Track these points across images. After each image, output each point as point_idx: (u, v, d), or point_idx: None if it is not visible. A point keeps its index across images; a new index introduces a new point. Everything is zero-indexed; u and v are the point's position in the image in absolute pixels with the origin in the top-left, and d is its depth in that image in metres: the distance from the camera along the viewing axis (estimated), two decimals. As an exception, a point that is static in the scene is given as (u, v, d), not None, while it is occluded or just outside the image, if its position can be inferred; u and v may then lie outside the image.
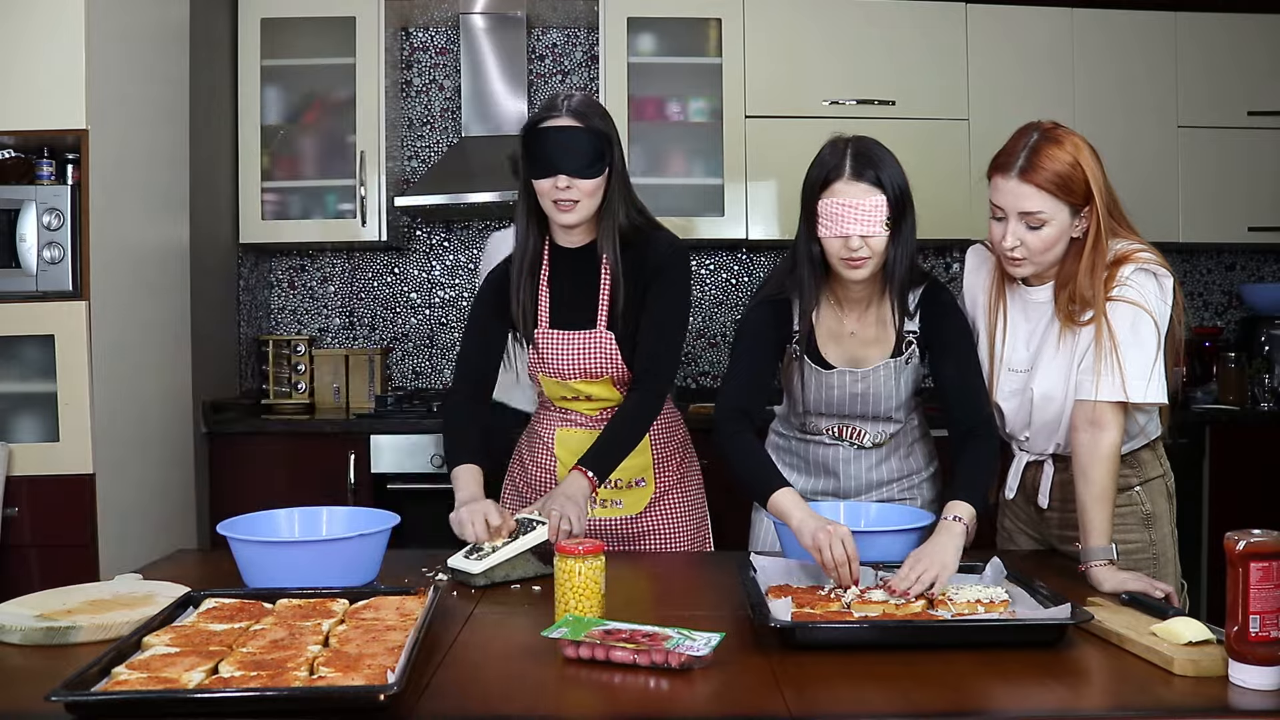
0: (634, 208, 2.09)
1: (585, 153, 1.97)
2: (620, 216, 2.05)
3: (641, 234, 2.09)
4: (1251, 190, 3.85)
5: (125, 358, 2.84)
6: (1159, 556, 1.95)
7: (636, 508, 2.17)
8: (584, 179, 1.98)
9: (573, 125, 1.98)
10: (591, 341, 2.08)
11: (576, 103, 2.02)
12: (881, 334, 1.99)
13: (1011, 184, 1.81)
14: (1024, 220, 1.82)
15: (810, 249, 1.90)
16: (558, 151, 1.97)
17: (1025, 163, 1.80)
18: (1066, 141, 1.81)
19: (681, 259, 2.11)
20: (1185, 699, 1.29)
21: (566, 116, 1.99)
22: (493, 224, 4.13)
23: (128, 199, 2.91)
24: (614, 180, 2.03)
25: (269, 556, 1.75)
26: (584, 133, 1.98)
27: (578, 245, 2.11)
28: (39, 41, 2.67)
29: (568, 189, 1.98)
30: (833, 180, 1.85)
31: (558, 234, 2.11)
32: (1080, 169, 1.79)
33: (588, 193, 1.99)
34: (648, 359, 2.06)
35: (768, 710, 1.26)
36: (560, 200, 1.99)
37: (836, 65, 3.78)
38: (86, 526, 2.68)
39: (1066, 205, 1.80)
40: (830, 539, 1.64)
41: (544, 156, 1.98)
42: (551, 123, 1.99)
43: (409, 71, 4.11)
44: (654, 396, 2.07)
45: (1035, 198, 1.80)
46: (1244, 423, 3.66)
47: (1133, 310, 1.81)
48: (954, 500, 1.76)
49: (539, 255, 2.12)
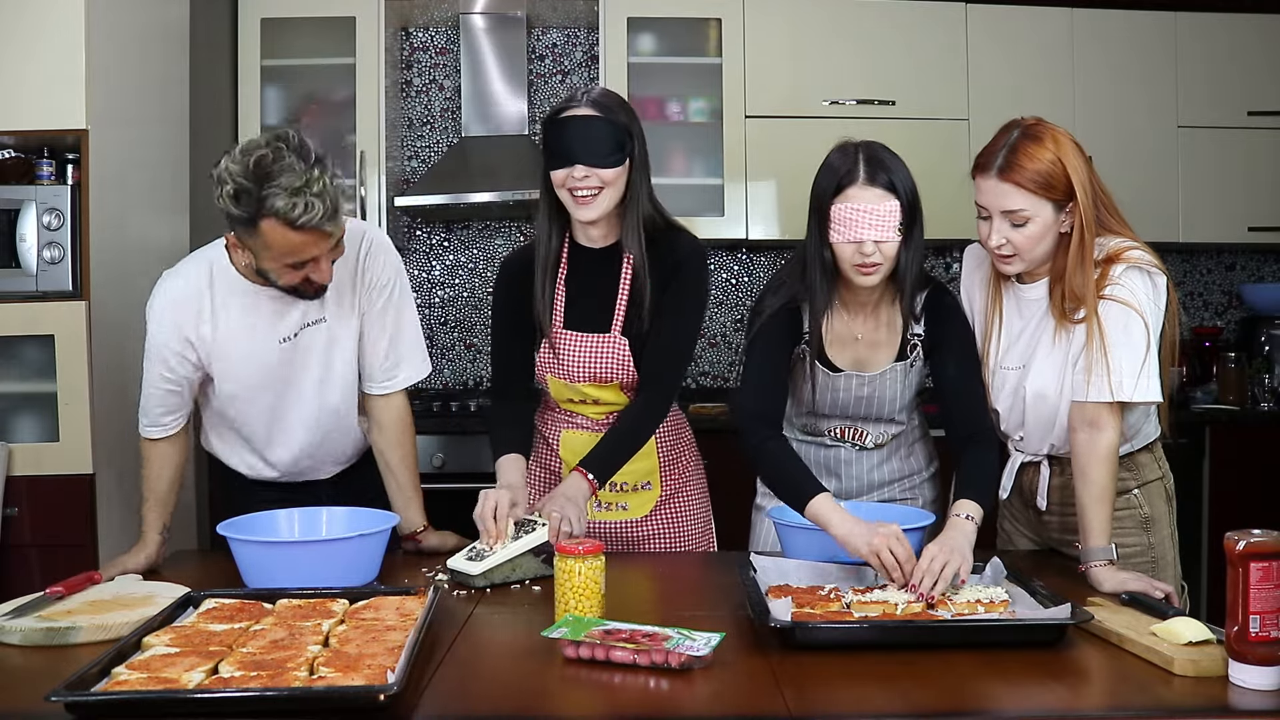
0: (655, 206, 2.05)
1: (604, 141, 1.92)
2: (645, 212, 2.01)
3: (660, 233, 2.05)
4: (1251, 190, 3.85)
5: (125, 358, 2.84)
6: (1158, 560, 1.95)
7: (642, 511, 2.16)
8: (603, 168, 1.93)
9: (591, 114, 1.94)
10: (604, 346, 2.05)
11: (597, 93, 1.99)
12: (888, 337, 1.99)
13: (991, 183, 1.81)
14: (1007, 219, 1.82)
15: (822, 254, 1.90)
16: (576, 141, 1.92)
17: (1004, 161, 1.80)
18: (1046, 138, 1.80)
19: (701, 261, 2.07)
20: (1185, 699, 1.29)
21: (586, 106, 1.94)
22: (493, 224, 4.13)
23: (128, 199, 2.91)
24: (636, 175, 1.99)
25: (269, 557, 1.75)
26: (603, 122, 1.93)
27: (599, 245, 2.07)
28: (39, 41, 2.66)
29: (585, 178, 1.92)
30: (846, 185, 1.84)
31: (578, 232, 2.07)
32: (1061, 165, 1.79)
33: (607, 182, 1.94)
34: (657, 362, 2.04)
35: (768, 710, 1.26)
36: (578, 191, 1.94)
37: (836, 65, 3.77)
38: (86, 526, 2.68)
39: (1049, 202, 1.80)
40: (886, 541, 1.63)
41: (562, 147, 1.93)
42: (570, 112, 1.95)
43: (409, 71, 4.11)
44: (661, 401, 2.05)
45: (1016, 196, 1.79)
46: (1244, 423, 3.66)
47: (1124, 309, 1.80)
48: (962, 500, 1.76)
49: (558, 254, 2.08)
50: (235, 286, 1.94)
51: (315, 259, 1.81)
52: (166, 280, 1.99)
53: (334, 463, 2.16)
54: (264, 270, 1.85)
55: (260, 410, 2.03)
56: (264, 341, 1.96)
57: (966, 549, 1.66)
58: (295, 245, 1.77)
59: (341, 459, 2.17)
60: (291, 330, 1.97)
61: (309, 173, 1.73)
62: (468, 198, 3.66)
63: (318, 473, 2.16)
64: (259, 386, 2.00)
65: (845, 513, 1.73)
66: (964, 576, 1.62)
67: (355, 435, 2.15)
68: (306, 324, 1.98)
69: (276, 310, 1.95)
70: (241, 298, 1.94)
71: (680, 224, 2.10)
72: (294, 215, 1.71)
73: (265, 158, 1.72)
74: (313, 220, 1.72)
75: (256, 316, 1.95)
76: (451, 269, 4.14)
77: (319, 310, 1.98)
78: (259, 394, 2.01)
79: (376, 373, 2.08)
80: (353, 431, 2.14)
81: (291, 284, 1.86)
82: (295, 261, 1.80)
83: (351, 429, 2.13)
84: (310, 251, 1.79)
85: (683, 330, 2.07)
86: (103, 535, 2.70)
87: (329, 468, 2.16)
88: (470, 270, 4.14)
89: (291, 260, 1.80)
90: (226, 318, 1.94)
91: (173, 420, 2.02)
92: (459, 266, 4.14)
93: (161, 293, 1.97)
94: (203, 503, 3.28)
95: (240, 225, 1.78)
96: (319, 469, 2.15)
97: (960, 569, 1.61)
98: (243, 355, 1.96)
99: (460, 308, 4.13)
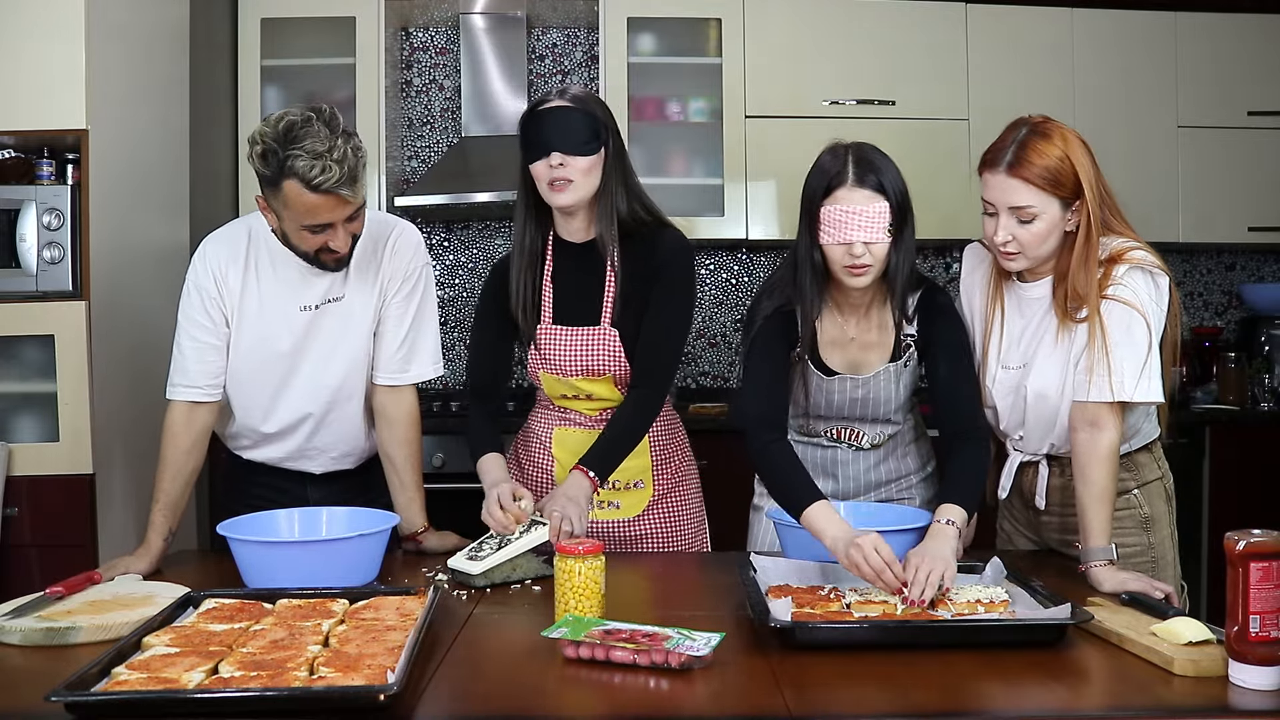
0: (639, 201, 2.08)
1: (578, 130, 1.98)
2: (620, 205, 2.05)
3: (647, 229, 2.08)
4: (1251, 190, 3.85)
5: (125, 358, 2.84)
6: (1158, 560, 1.95)
7: (635, 510, 2.16)
8: (578, 155, 1.97)
9: (566, 106, 1.99)
10: (595, 338, 2.07)
11: (572, 89, 2.05)
12: (881, 338, 1.99)
13: (1000, 179, 1.82)
14: (1014, 215, 1.82)
15: (812, 255, 1.90)
16: (551, 131, 1.98)
17: (1013, 158, 1.80)
18: (1055, 135, 1.81)
19: (686, 257, 2.10)
20: (1185, 699, 1.29)
21: (560, 99, 2.01)
22: (493, 224, 4.13)
23: (128, 199, 2.91)
24: (611, 166, 2.03)
25: (269, 557, 1.75)
26: (577, 113, 1.99)
27: (581, 240, 2.10)
28: (39, 41, 2.66)
29: (561, 166, 1.97)
30: (835, 187, 1.84)
31: (560, 226, 2.11)
32: (1069, 162, 1.79)
33: (582, 170, 1.99)
34: (649, 358, 2.06)
35: (768, 710, 1.26)
36: (554, 180, 1.99)
37: (836, 65, 3.77)
38: (86, 526, 2.68)
39: (1056, 199, 1.81)
40: (863, 551, 1.62)
41: (538, 138, 1.99)
42: (546, 105, 2.01)
43: (409, 71, 4.11)
44: (655, 396, 2.07)
45: (1024, 192, 1.80)
46: (1244, 423, 3.66)
47: (1126, 310, 1.81)
48: (945, 504, 1.75)
49: (538, 251, 2.11)
50: (271, 249, 2.03)
51: (333, 225, 1.89)
52: (210, 238, 2.10)
53: (332, 453, 2.17)
54: (285, 234, 1.93)
55: (269, 376, 2.08)
56: (288, 304, 2.04)
57: (950, 555, 1.65)
58: (312, 206, 1.85)
59: (339, 450, 2.17)
60: (315, 301, 2.05)
61: (333, 139, 1.82)
62: (468, 198, 3.66)
63: (314, 461, 2.17)
64: (273, 349, 2.06)
65: (839, 522, 1.71)
66: (949, 584, 1.61)
67: (358, 431, 2.16)
68: (330, 299, 2.06)
69: (305, 280, 2.03)
70: (274, 260, 2.04)
71: (668, 221, 2.12)
72: (312, 176, 1.80)
73: (295, 123, 1.83)
74: (329, 182, 1.81)
75: (285, 281, 2.04)
76: (451, 269, 4.14)
77: (342, 287, 2.06)
78: (271, 357, 2.06)
79: (389, 363, 2.11)
80: (356, 421, 2.15)
81: (311, 250, 1.93)
82: (313, 224, 1.88)
83: (354, 418, 2.14)
84: (326, 215, 1.87)
85: (672, 326, 2.08)
86: (103, 535, 2.70)
87: (325, 459, 2.17)
88: (470, 270, 4.14)
89: (310, 223, 1.88)
90: (257, 275, 2.04)
91: (208, 385, 2.05)
92: (459, 266, 4.14)
93: (204, 244, 2.09)
94: (203, 503, 3.28)
95: (267, 185, 1.87)
96: (317, 454, 2.16)
97: (946, 575, 1.60)
98: (267, 314, 2.04)
99: (460, 308, 4.13)
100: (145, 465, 2.24)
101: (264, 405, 2.10)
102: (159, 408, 2.10)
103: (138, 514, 2.86)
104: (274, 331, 2.04)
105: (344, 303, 2.06)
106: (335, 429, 2.14)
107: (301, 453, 2.16)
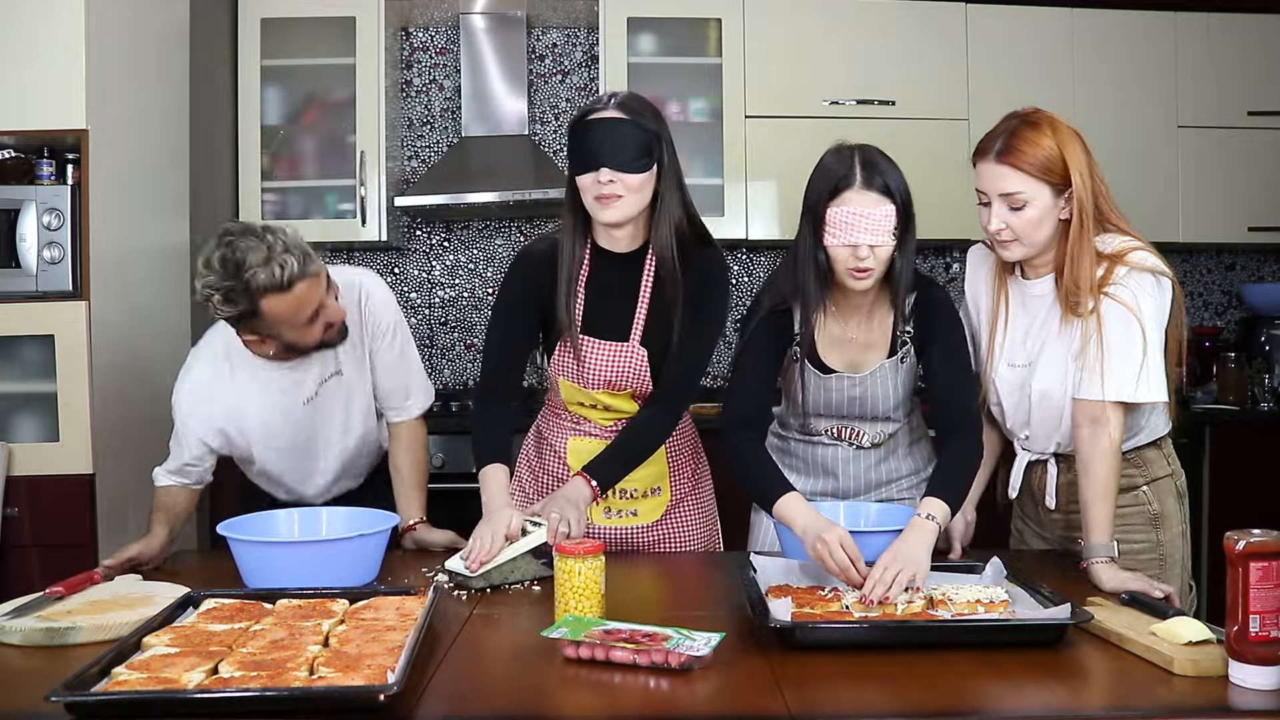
0: (688, 215, 1.99)
1: (629, 146, 1.86)
2: (675, 217, 1.96)
3: (690, 245, 2.00)
4: (1251, 190, 3.85)
5: (125, 358, 2.84)
6: (1166, 558, 1.94)
7: (653, 516, 2.14)
8: (628, 173, 1.87)
9: (617, 117, 1.88)
10: (623, 355, 2.02)
11: (624, 96, 1.93)
12: (881, 338, 1.99)
13: (990, 167, 1.84)
14: (1005, 201, 1.83)
15: (816, 256, 1.89)
16: (600, 144, 1.86)
17: (1002, 145, 1.83)
18: (1044, 124, 1.83)
19: (725, 281, 2.04)
20: (1185, 699, 1.29)
21: (612, 109, 1.89)
22: (493, 224, 4.13)
23: (128, 199, 2.91)
24: (666, 181, 1.93)
25: (269, 557, 1.75)
26: (629, 125, 1.87)
27: (623, 250, 2.01)
28: (39, 41, 2.66)
29: (610, 183, 1.86)
30: (843, 189, 1.84)
31: (600, 235, 2.00)
32: (1058, 150, 1.81)
33: (632, 188, 1.88)
34: (671, 378, 2.02)
35: (768, 710, 1.26)
36: (602, 196, 1.88)
37: (836, 65, 3.78)
38: (86, 526, 2.68)
39: (1047, 185, 1.81)
40: (829, 547, 1.63)
41: (586, 150, 1.88)
42: (596, 115, 1.89)
43: (409, 71, 4.11)
44: (672, 415, 2.04)
45: (1013, 178, 1.81)
46: (1244, 423, 3.66)
47: (1124, 312, 1.81)
48: (928, 497, 1.74)
49: (581, 259, 2.01)
50: (252, 367, 2.06)
51: (321, 304, 1.94)
52: (186, 379, 2.08)
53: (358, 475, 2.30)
54: (289, 342, 1.97)
55: (293, 460, 2.17)
56: (290, 409, 2.09)
57: (922, 554, 1.64)
58: (296, 302, 1.89)
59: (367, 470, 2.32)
60: (312, 390, 2.10)
61: (262, 240, 1.85)
62: (468, 198, 3.66)
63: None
64: (290, 444, 2.13)
65: (810, 513, 1.72)
66: (919, 584, 1.61)
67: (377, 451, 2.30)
68: (324, 380, 2.11)
69: (294, 378, 2.08)
70: (261, 375, 2.06)
71: (712, 239, 2.05)
72: (279, 279, 1.84)
73: (225, 255, 1.84)
74: (293, 272, 1.86)
75: (278, 389, 2.07)
76: (451, 269, 4.14)
77: (334, 363, 2.10)
78: (290, 449, 2.14)
79: (392, 404, 2.22)
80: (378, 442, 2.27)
81: (319, 338, 1.99)
82: (307, 317, 1.93)
83: (377, 443, 2.27)
84: (312, 300, 1.92)
85: (701, 349, 2.03)
86: (103, 535, 2.70)
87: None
88: (470, 270, 4.14)
89: (303, 317, 1.92)
90: (251, 399, 2.07)
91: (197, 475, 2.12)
92: (459, 266, 4.14)
93: (185, 391, 2.07)
94: (203, 503, 3.28)
95: (246, 321, 1.90)
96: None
97: (915, 576, 1.60)
98: (274, 426, 2.09)
99: (460, 308, 4.13)
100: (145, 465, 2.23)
101: (299, 479, 2.20)
102: (159, 408, 2.11)
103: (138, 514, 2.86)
104: (282, 431, 2.11)
105: (342, 378, 2.12)
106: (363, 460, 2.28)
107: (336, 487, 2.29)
